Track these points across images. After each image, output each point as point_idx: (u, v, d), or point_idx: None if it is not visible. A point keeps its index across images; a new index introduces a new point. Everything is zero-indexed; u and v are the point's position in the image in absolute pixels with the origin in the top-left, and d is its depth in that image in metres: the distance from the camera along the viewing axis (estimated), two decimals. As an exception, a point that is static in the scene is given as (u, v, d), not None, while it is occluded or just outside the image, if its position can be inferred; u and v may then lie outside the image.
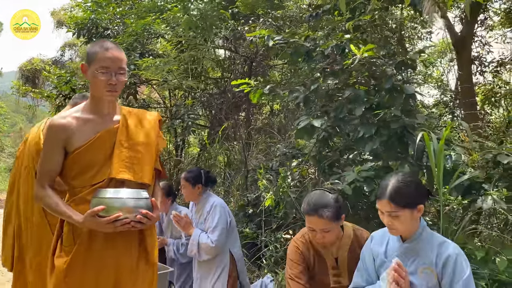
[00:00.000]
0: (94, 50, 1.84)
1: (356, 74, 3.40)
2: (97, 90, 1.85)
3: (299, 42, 3.37)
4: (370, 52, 2.84)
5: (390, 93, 3.04)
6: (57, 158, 1.84)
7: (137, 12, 5.35)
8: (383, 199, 1.86)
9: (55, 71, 7.11)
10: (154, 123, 2.04)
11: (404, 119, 2.86)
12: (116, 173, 1.84)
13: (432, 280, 1.83)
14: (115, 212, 1.72)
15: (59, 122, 1.85)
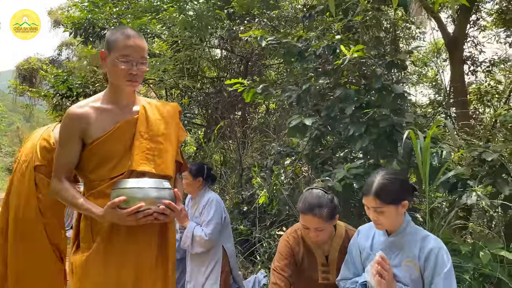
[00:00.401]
0: (115, 37, 1.74)
1: (348, 74, 3.48)
2: (117, 80, 1.76)
3: (292, 43, 3.44)
4: (360, 53, 2.91)
5: (379, 92, 3.12)
6: (74, 149, 1.76)
7: (134, 12, 5.40)
8: (369, 195, 1.94)
9: (52, 70, 7.16)
10: (174, 114, 1.97)
11: (393, 118, 2.93)
12: (137, 165, 1.75)
13: (415, 273, 1.90)
14: (137, 203, 1.61)
15: (76, 111, 1.76)
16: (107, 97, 1.83)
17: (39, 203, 2.69)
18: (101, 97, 1.84)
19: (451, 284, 1.83)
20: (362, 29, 3.48)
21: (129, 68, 1.72)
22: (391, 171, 2.03)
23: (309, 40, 3.53)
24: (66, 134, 1.76)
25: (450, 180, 2.77)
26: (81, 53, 6.96)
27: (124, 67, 1.71)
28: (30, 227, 2.67)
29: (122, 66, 1.71)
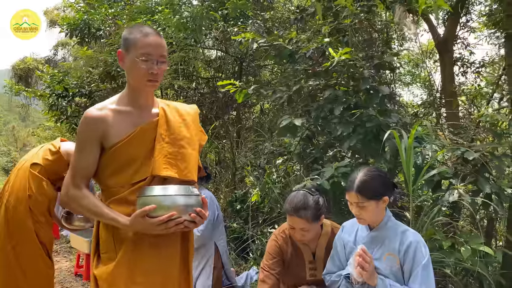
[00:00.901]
0: (133, 36, 1.65)
1: (337, 76, 3.58)
2: (137, 80, 1.67)
3: (283, 45, 3.54)
4: (347, 55, 3.01)
5: (367, 93, 3.22)
6: (93, 153, 1.66)
7: (129, 14, 5.48)
8: (351, 191, 2.04)
9: (48, 70, 7.22)
10: (195, 116, 1.89)
11: (379, 118, 3.03)
12: (159, 170, 1.66)
13: (395, 265, 2.00)
14: (164, 211, 1.53)
15: (95, 114, 1.66)
16: (125, 98, 1.74)
17: (29, 200, 2.74)
18: (119, 98, 1.75)
19: (429, 275, 1.93)
20: (351, 31, 3.57)
21: (150, 67, 1.64)
22: (372, 168, 2.12)
23: (300, 43, 3.63)
24: (85, 138, 1.66)
25: (434, 178, 2.88)
26: (77, 53, 7.02)
27: (144, 67, 1.63)
28: (20, 223, 2.72)
29: (143, 65, 1.62)
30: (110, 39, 5.46)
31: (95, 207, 1.63)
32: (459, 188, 2.68)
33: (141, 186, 1.65)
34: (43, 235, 2.79)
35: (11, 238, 2.74)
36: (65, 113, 6.60)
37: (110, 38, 5.78)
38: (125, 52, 1.68)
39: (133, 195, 1.63)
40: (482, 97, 4.40)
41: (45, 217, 2.82)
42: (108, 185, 1.70)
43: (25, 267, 2.74)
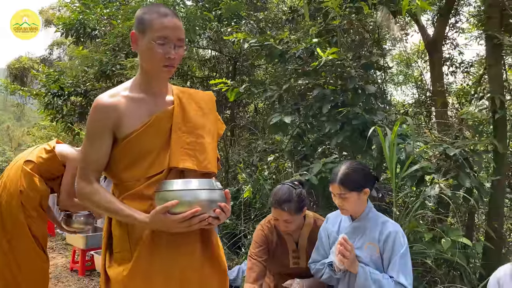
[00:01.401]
0: (149, 16, 1.50)
1: (326, 75, 3.69)
2: (152, 65, 1.54)
3: (273, 45, 3.65)
4: (334, 55, 3.12)
5: (354, 92, 3.33)
6: (106, 145, 1.53)
7: (124, 14, 5.56)
8: (334, 183, 2.15)
9: (43, 69, 7.29)
10: (212, 104, 1.76)
11: (365, 116, 3.15)
12: (177, 161, 1.54)
13: (375, 254, 2.12)
14: (186, 207, 1.41)
15: (107, 101, 1.52)
16: (138, 85, 1.60)
17: (21, 195, 2.82)
18: (132, 85, 1.61)
19: (406, 263, 2.05)
20: (339, 32, 3.69)
21: (166, 51, 1.50)
22: (355, 162, 2.24)
23: (290, 43, 3.74)
24: (96, 128, 1.52)
25: (417, 174, 3.00)
26: (72, 53, 7.09)
27: (161, 51, 1.49)
28: (13, 217, 2.80)
29: (159, 49, 1.49)
30: (105, 39, 5.54)
31: (109, 203, 1.49)
32: (441, 183, 2.80)
33: (158, 179, 1.52)
34: (35, 229, 2.87)
35: (6, 232, 2.82)
36: (61, 112, 6.67)
37: (105, 38, 5.86)
38: (139, 34, 1.53)
39: (149, 189, 1.51)
40: (465, 96, 4.51)
41: (37, 211, 2.89)
42: (122, 179, 1.56)
43: (20, 260, 2.82)
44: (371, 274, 2.01)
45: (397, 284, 1.97)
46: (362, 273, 2.04)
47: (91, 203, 1.53)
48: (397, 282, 1.98)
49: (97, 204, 1.51)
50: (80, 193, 1.54)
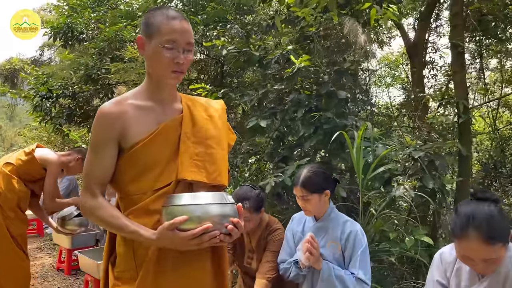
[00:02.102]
0: (157, 19, 1.43)
1: (302, 80, 3.84)
2: (159, 70, 1.46)
3: (252, 51, 3.78)
4: (307, 62, 3.26)
5: (326, 97, 3.48)
6: (111, 156, 1.44)
7: (111, 18, 5.67)
8: (297, 186, 2.29)
9: (32, 72, 7.37)
10: (222, 112, 1.68)
11: (336, 121, 3.29)
12: (185, 173, 1.46)
13: (337, 252, 2.26)
14: (196, 223, 1.31)
15: (112, 109, 1.44)
16: (145, 92, 1.53)
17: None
18: (138, 92, 1.54)
19: (366, 260, 2.20)
20: (316, 39, 3.83)
21: (175, 56, 1.42)
22: (316, 166, 2.39)
23: (268, 49, 3.88)
24: (100, 138, 1.44)
25: (384, 175, 3.15)
26: (60, 56, 7.18)
27: (169, 55, 1.42)
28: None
29: (167, 54, 1.41)
30: (92, 43, 5.64)
31: (113, 218, 1.41)
32: (405, 184, 2.96)
33: (165, 192, 1.44)
34: (13, 230, 2.97)
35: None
36: (49, 114, 6.75)
37: (93, 42, 5.96)
38: (145, 38, 1.46)
39: (156, 203, 1.43)
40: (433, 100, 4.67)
41: (15, 212, 2.99)
42: (128, 192, 1.48)
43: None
44: (334, 270, 2.15)
45: (357, 280, 2.12)
46: (326, 269, 2.18)
47: (94, 218, 1.45)
48: (357, 278, 2.13)
49: (101, 219, 1.43)
50: (84, 206, 1.46)
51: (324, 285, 2.13)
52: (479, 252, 1.49)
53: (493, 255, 1.49)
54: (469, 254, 1.53)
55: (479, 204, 1.55)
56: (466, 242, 1.51)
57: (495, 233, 1.47)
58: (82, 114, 6.82)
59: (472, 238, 1.48)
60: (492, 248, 1.47)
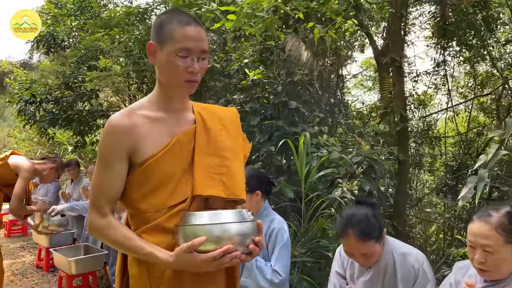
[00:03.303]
0: (170, 26, 1.33)
1: (262, 90, 4.16)
2: (172, 79, 1.36)
3: (213, 63, 4.09)
4: (259, 75, 3.57)
5: (279, 106, 3.79)
6: (121, 171, 1.35)
7: (90, 27, 5.95)
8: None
9: (19, 74, 7.62)
10: (236, 121, 1.58)
11: (286, 128, 3.61)
12: (201, 188, 1.37)
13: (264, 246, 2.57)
14: (215, 244, 1.23)
15: (123, 122, 1.35)
16: (157, 101, 1.43)
17: None
18: (149, 101, 1.43)
19: (284, 254, 2.48)
20: (275, 51, 4.15)
21: (189, 65, 1.32)
22: (252, 169, 2.70)
23: (230, 61, 4.19)
24: (109, 153, 1.35)
25: (327, 178, 3.47)
26: (40, 66, 7.41)
27: (182, 64, 1.32)
28: None
29: (180, 62, 1.31)
30: (71, 51, 5.92)
31: (126, 239, 1.31)
32: (344, 187, 3.27)
33: (181, 209, 1.35)
34: None
35: None
36: (33, 118, 7.01)
37: (74, 49, 6.24)
38: (157, 44, 1.35)
39: (171, 221, 1.34)
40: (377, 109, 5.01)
41: None
42: (140, 210, 1.37)
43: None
44: (257, 262, 2.45)
45: (273, 271, 2.43)
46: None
47: (103, 238, 1.37)
48: (273, 269, 2.44)
49: (112, 240, 1.33)
50: (92, 225, 1.36)
51: (247, 273, 2.44)
52: (357, 247, 1.81)
53: (369, 250, 1.81)
54: (350, 249, 1.85)
55: (358, 207, 1.87)
56: (347, 240, 1.83)
57: (368, 232, 1.79)
58: (65, 118, 7.09)
59: (350, 236, 1.80)
60: (367, 244, 1.80)
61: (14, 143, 17.42)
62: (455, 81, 8.28)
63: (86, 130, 7.39)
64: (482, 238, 1.54)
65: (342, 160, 3.69)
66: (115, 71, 5.07)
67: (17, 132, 17.15)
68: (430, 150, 7.65)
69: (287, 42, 3.52)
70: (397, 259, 1.90)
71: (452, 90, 7.52)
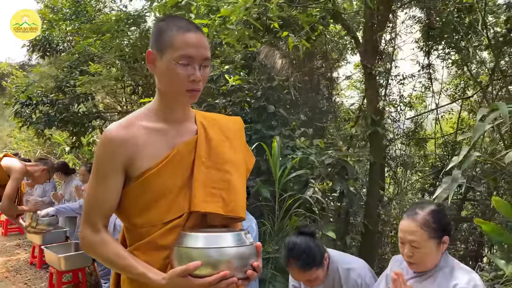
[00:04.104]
0: (169, 33, 1.27)
1: (244, 94, 4.35)
2: (173, 89, 1.29)
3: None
4: (238, 81, 3.76)
5: (258, 111, 3.99)
6: (117, 185, 1.29)
7: (83, 32, 6.15)
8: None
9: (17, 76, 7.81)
10: (240, 132, 1.50)
11: (264, 131, 3.80)
12: (199, 204, 1.31)
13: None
14: (211, 268, 1.16)
15: (120, 133, 1.29)
16: (156, 111, 1.36)
17: None
18: (148, 111, 1.37)
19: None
20: (257, 57, 4.34)
21: (191, 73, 1.26)
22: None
23: (212, 67, 4.38)
24: (105, 166, 1.29)
25: (301, 179, 3.66)
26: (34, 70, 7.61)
27: (183, 72, 1.25)
28: None
29: (181, 71, 1.25)
30: (64, 56, 6.12)
31: (118, 257, 1.26)
32: (315, 187, 3.46)
33: (176, 225, 1.30)
34: None
35: None
36: (29, 120, 7.21)
37: (68, 53, 6.44)
38: (157, 52, 1.29)
39: (166, 238, 1.29)
40: (353, 113, 5.20)
41: None
42: (135, 224, 1.32)
43: None
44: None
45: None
46: None
47: (95, 255, 1.31)
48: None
49: (104, 257, 1.28)
50: (84, 241, 1.30)
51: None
52: (299, 276, 2.00)
53: (311, 277, 1.98)
54: (294, 277, 2.05)
55: (298, 237, 2.02)
56: (291, 269, 2.02)
57: (309, 262, 1.95)
58: (61, 120, 7.29)
59: (293, 266, 1.97)
60: (308, 273, 1.96)
61: (15, 143, 17.65)
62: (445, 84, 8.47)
63: (81, 131, 7.61)
64: (409, 234, 1.70)
65: (318, 161, 3.89)
66: (105, 75, 5.26)
67: (17, 132, 17.40)
68: (417, 151, 7.85)
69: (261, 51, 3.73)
70: (342, 275, 2.06)
71: (438, 93, 7.69)
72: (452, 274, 1.68)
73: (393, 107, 7.34)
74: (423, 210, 1.74)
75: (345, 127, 4.45)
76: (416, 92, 7.81)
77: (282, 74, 3.86)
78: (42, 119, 7.10)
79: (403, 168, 7.16)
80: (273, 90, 4.20)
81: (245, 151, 1.50)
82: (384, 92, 7.32)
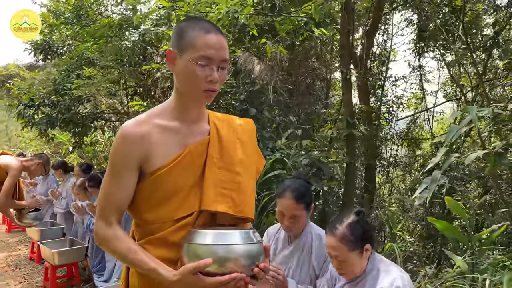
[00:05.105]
0: (190, 33, 1.30)
1: (228, 98, 4.53)
2: (190, 88, 1.33)
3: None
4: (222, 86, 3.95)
5: (241, 113, 4.17)
6: (131, 181, 1.33)
7: (82, 36, 6.38)
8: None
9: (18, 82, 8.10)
10: (251, 134, 1.55)
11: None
12: (209, 203, 1.35)
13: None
14: (220, 266, 1.20)
15: (135, 130, 1.33)
16: (172, 110, 1.40)
17: None
18: (163, 110, 1.41)
19: None
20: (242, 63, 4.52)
21: (209, 73, 1.29)
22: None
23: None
24: (121, 161, 1.33)
25: (279, 178, 3.84)
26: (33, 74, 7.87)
27: (202, 73, 1.29)
28: None
29: (200, 71, 1.28)
30: (62, 60, 6.36)
31: (130, 251, 1.29)
32: (292, 186, 3.63)
33: (186, 223, 1.33)
34: None
35: None
36: (31, 121, 7.48)
37: (67, 56, 6.68)
38: (177, 52, 1.32)
39: (176, 235, 1.32)
40: (332, 115, 5.34)
41: None
42: (147, 220, 1.36)
43: None
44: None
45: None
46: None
47: (107, 248, 1.34)
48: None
49: (116, 251, 1.31)
50: (98, 235, 1.34)
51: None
52: (290, 207, 2.11)
53: (298, 212, 2.12)
54: (283, 209, 2.14)
55: (296, 180, 2.28)
56: (283, 199, 2.14)
57: (302, 195, 2.13)
58: (63, 120, 7.54)
59: (287, 196, 2.13)
60: (298, 206, 2.11)
61: (23, 142, 18.04)
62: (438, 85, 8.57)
63: (83, 132, 7.86)
64: (332, 250, 1.81)
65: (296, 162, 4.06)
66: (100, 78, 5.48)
67: (26, 132, 17.79)
68: (410, 152, 7.95)
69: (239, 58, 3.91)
70: (314, 239, 2.21)
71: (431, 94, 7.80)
72: (378, 277, 1.80)
73: (385, 108, 7.49)
74: (341, 224, 1.82)
75: (322, 129, 4.61)
76: (408, 93, 7.92)
77: (261, 78, 4.03)
78: (44, 119, 7.36)
79: (394, 169, 7.28)
80: (257, 93, 4.38)
81: (256, 152, 1.55)
82: (381, 92, 7.48)
